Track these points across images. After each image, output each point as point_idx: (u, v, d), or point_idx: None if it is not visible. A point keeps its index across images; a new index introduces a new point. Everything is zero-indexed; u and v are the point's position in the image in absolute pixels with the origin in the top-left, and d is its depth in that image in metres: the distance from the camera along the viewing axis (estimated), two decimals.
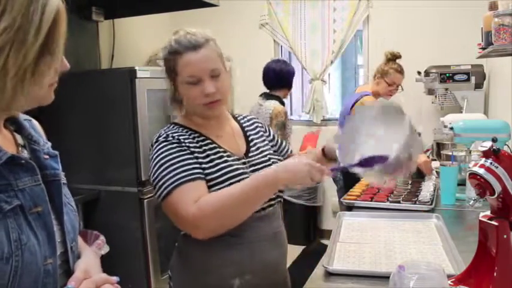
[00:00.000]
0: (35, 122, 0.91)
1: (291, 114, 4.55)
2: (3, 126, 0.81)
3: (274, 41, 4.09)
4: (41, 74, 0.72)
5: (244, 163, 1.25)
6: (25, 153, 0.82)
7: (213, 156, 1.20)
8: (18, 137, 0.84)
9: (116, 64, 3.45)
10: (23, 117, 0.87)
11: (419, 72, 3.33)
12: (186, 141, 1.20)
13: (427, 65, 3.32)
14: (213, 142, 1.24)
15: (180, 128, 1.24)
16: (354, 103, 2.84)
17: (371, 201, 1.93)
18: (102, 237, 2.35)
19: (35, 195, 0.77)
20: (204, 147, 1.21)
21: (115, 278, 0.83)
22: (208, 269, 1.21)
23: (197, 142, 1.21)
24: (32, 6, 0.69)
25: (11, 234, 0.71)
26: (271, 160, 1.31)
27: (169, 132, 1.22)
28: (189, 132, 1.23)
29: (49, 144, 0.89)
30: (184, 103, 1.25)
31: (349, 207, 1.92)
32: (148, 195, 2.67)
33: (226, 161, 1.21)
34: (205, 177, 1.17)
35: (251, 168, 1.25)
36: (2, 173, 0.72)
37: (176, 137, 1.20)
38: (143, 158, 2.63)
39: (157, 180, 1.15)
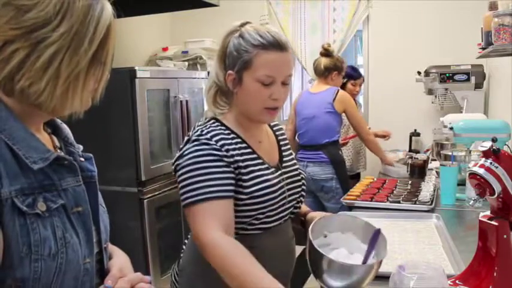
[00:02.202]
0: (65, 125, 0.92)
1: None
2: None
3: None
4: (90, 81, 0.76)
5: (280, 174, 1.23)
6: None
7: (252, 168, 1.16)
8: (55, 139, 0.85)
9: (116, 64, 3.43)
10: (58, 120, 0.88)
11: (419, 72, 3.32)
12: (229, 148, 1.14)
13: (427, 65, 3.32)
14: (253, 152, 1.20)
15: (223, 128, 1.18)
16: (334, 98, 2.74)
17: (371, 201, 1.93)
18: None
19: (77, 195, 0.79)
20: (246, 156, 1.17)
21: (148, 277, 0.85)
22: (220, 276, 1.20)
23: (239, 149, 1.16)
24: (89, 15, 0.72)
25: (57, 232, 0.73)
26: (301, 175, 1.31)
27: (213, 133, 1.15)
28: (232, 136, 1.17)
29: (81, 147, 0.90)
30: (240, 100, 1.19)
31: (349, 207, 1.92)
32: (148, 195, 2.67)
33: (263, 175, 1.17)
34: (239, 189, 1.13)
35: (287, 181, 1.24)
36: (47, 173, 0.74)
37: (219, 140, 1.14)
38: (143, 158, 2.63)
39: (186, 182, 1.09)
